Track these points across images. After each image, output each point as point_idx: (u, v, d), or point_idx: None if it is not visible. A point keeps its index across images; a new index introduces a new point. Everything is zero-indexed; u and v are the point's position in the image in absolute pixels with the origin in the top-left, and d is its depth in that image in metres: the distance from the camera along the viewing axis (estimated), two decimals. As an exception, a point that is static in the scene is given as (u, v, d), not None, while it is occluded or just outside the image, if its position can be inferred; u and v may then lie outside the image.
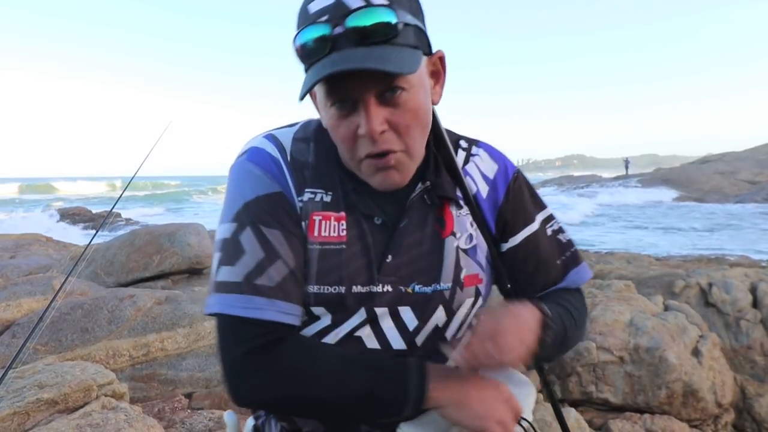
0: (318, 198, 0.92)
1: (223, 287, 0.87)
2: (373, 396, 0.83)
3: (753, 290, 4.89)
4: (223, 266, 0.88)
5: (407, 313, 0.92)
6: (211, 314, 0.88)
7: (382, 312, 0.91)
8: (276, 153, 0.93)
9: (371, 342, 0.92)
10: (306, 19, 0.81)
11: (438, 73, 0.91)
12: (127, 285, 5.36)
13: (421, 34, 0.84)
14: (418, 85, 0.83)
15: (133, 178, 2.57)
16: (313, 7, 0.80)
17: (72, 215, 21.59)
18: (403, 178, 0.88)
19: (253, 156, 0.93)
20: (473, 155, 1.02)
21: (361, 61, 0.76)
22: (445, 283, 0.94)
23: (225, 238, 0.89)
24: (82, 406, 2.23)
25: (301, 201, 0.91)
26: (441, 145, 0.98)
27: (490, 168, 1.02)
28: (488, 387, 0.86)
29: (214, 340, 3.20)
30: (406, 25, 0.80)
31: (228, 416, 1.06)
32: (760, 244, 13.47)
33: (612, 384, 3.77)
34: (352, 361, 0.86)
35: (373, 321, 0.92)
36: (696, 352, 3.97)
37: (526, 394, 0.94)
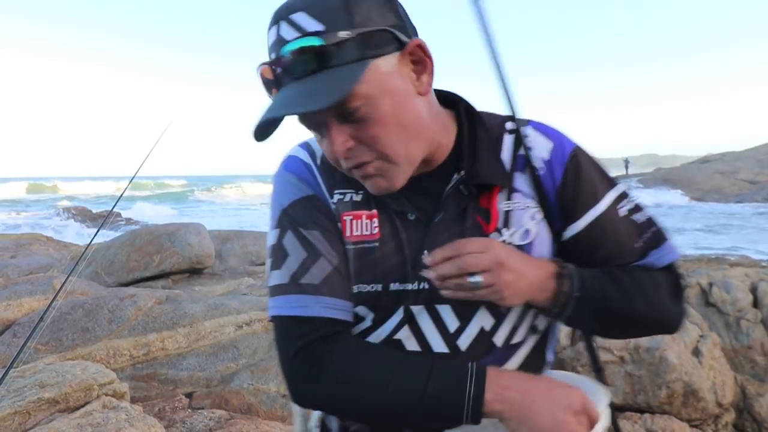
0: (347, 198, 0.92)
1: (274, 291, 0.91)
2: (425, 406, 0.80)
3: (753, 290, 4.89)
4: (273, 271, 0.92)
5: (447, 313, 0.89)
6: (270, 320, 0.92)
7: (419, 310, 0.89)
8: (308, 159, 0.96)
9: (411, 344, 0.90)
10: (267, 53, 0.83)
11: (422, 61, 0.84)
12: (127, 285, 5.36)
13: (372, 38, 0.78)
14: (379, 95, 0.79)
15: (134, 177, 2.57)
16: (269, 39, 0.81)
17: (72, 215, 21.58)
18: (392, 182, 0.86)
19: (288, 164, 0.97)
20: (523, 137, 0.94)
21: (283, 107, 0.76)
22: None
23: (272, 245, 0.93)
24: (82, 406, 2.23)
25: (333, 203, 0.93)
26: (479, 130, 0.94)
27: (545, 147, 0.93)
28: (558, 397, 0.78)
29: (215, 340, 3.20)
30: (340, 43, 0.76)
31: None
32: (760, 244, 13.46)
33: (612, 384, 3.77)
34: (404, 365, 0.83)
35: (411, 320, 0.90)
36: (696, 352, 3.97)
37: (596, 403, 0.85)
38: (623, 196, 0.94)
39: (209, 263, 5.97)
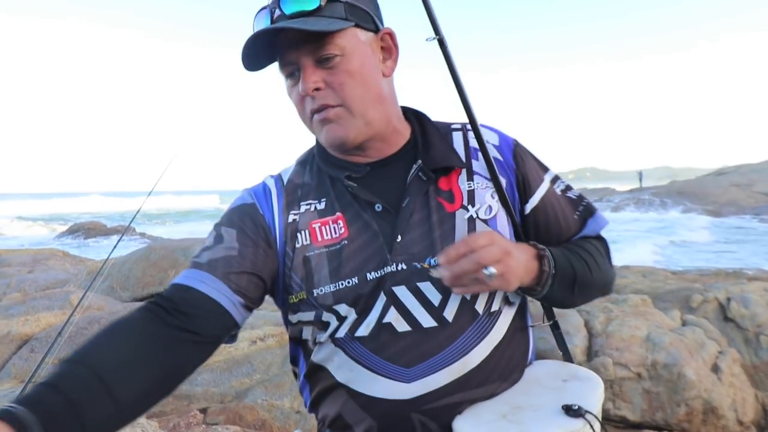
0: (312, 208, 1.04)
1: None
2: None
3: (772, 305, 4.81)
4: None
5: (429, 289, 0.96)
6: None
7: (401, 291, 0.96)
8: (271, 183, 1.09)
9: (401, 325, 0.95)
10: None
11: (389, 49, 1.03)
12: (142, 299, 5.40)
13: (357, 11, 0.97)
14: (353, 53, 0.96)
15: (150, 193, 2.59)
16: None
17: (87, 230, 21.81)
18: (347, 132, 0.98)
19: (252, 186, 1.12)
20: (470, 131, 1.09)
21: (278, 26, 0.91)
22: None
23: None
24: (99, 421, 2.24)
25: (297, 214, 1.04)
26: (428, 127, 1.09)
27: (493, 137, 1.09)
28: None
29: (229, 355, 3.20)
30: (331, 1, 0.94)
31: None
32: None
33: (629, 401, 3.72)
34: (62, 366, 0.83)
35: (395, 301, 0.96)
36: (715, 368, 3.91)
37: (591, 388, 0.97)
38: (556, 178, 1.11)
39: (223, 278, 5.99)
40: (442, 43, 1.02)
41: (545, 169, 1.11)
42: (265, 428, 3.03)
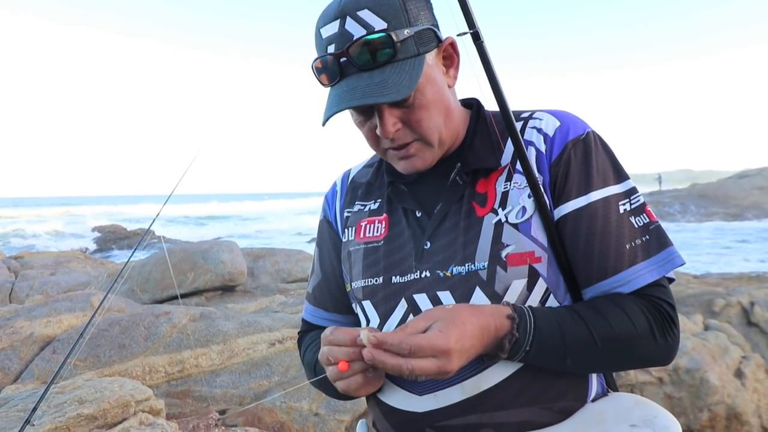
0: (366, 208, 1.07)
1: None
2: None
3: (798, 309, 4.71)
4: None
5: (447, 298, 0.91)
6: None
7: (421, 299, 0.93)
8: (339, 183, 1.16)
9: None
10: (319, 45, 0.91)
11: (451, 57, 0.95)
12: (161, 302, 5.45)
13: (423, 36, 0.89)
14: (426, 85, 0.90)
15: (170, 196, 2.60)
16: (324, 32, 0.89)
17: (108, 232, 22.11)
18: (425, 161, 0.95)
19: (330, 187, 1.19)
20: (533, 119, 0.98)
21: (362, 96, 0.85)
22: (480, 262, 0.89)
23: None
24: (120, 422, 2.26)
25: (350, 212, 1.09)
26: (479, 125, 1.01)
27: (552, 126, 0.95)
28: None
29: (248, 357, 3.20)
30: (403, 40, 0.86)
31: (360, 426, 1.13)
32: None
33: (651, 406, 3.68)
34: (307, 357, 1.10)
35: (415, 310, 0.93)
36: (739, 374, 3.84)
37: None
38: (629, 193, 0.92)
39: (242, 280, 6.04)
40: (477, 37, 0.90)
41: (615, 179, 0.93)
42: (284, 430, 3.04)
